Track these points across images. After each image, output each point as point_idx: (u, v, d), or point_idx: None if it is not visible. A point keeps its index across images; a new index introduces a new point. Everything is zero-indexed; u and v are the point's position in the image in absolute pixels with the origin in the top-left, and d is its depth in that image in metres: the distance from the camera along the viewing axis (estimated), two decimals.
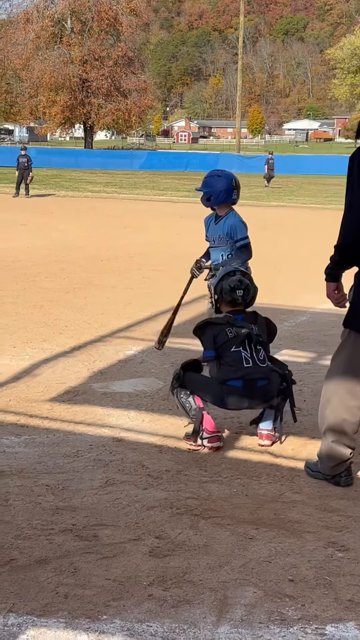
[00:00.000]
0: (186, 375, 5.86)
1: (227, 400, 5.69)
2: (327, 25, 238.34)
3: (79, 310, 10.43)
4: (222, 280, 6.06)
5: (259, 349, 5.80)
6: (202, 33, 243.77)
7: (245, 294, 6.01)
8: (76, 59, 75.81)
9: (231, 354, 5.72)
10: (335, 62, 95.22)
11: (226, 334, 5.77)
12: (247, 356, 5.72)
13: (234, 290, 5.98)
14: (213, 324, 5.91)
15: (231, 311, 6.01)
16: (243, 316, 5.96)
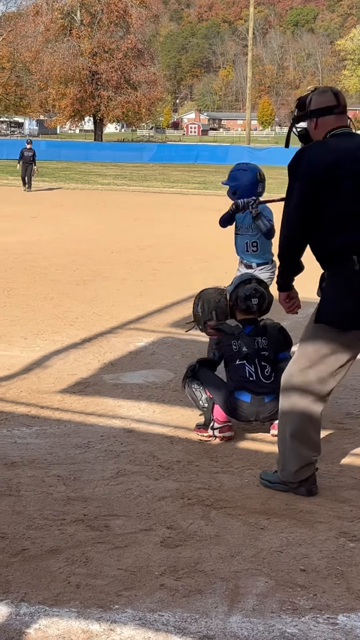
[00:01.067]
0: (201, 370, 5.87)
1: (234, 411, 5.69)
2: (337, 17, 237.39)
3: (90, 302, 10.44)
4: (238, 287, 6.05)
5: (265, 365, 5.74)
6: (211, 25, 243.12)
7: (260, 302, 6.00)
8: (86, 52, 75.75)
9: (236, 367, 5.74)
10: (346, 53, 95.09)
11: (231, 347, 5.79)
12: (252, 371, 5.70)
13: (249, 298, 5.96)
14: (222, 332, 5.93)
15: (243, 320, 5.99)
16: (252, 327, 5.91)
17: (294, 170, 4.60)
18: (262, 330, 5.92)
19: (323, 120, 4.70)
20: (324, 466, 5.26)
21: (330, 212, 4.48)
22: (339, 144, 4.61)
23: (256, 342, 5.82)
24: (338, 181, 4.47)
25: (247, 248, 7.35)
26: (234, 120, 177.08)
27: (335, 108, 4.70)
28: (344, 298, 4.46)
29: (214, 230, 7.40)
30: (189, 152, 64.45)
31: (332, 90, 4.80)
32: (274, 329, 5.96)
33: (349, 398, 6.77)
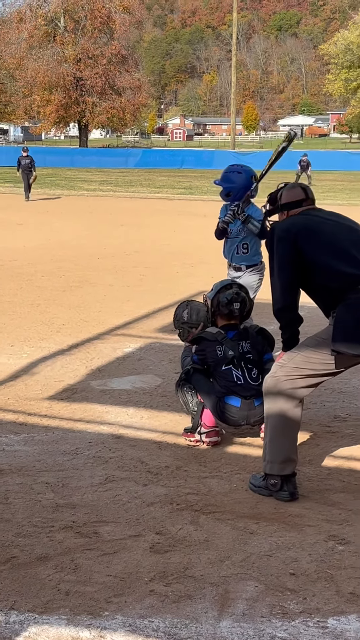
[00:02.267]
0: (194, 375, 5.88)
1: (224, 416, 5.70)
2: (320, 21, 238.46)
3: (76, 309, 10.43)
4: (219, 293, 6.07)
5: (251, 367, 5.79)
6: (195, 30, 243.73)
7: (242, 307, 6.03)
8: (70, 58, 75.77)
9: (223, 372, 5.76)
10: (329, 58, 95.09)
11: (215, 353, 5.81)
12: (239, 375, 5.74)
13: (230, 303, 5.99)
14: (204, 339, 5.93)
15: (225, 325, 6.02)
16: (235, 332, 5.96)
17: (271, 244, 4.91)
18: (244, 333, 5.96)
19: (293, 212, 5.08)
20: (312, 469, 5.28)
21: (321, 259, 4.72)
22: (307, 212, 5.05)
23: (240, 345, 5.86)
24: (316, 230, 4.82)
25: (238, 250, 7.37)
26: (218, 125, 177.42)
27: (304, 201, 5.11)
28: (357, 327, 4.58)
29: (200, 235, 7.44)
30: (174, 157, 64.48)
31: (301, 186, 5.24)
32: (255, 330, 6.03)
33: (337, 401, 6.79)
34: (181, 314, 6.42)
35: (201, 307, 6.37)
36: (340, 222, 4.99)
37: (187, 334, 6.35)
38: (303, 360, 4.74)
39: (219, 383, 5.74)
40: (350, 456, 5.54)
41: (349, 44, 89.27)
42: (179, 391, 5.94)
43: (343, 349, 4.58)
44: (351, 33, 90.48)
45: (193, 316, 6.33)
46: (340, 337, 4.56)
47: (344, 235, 4.83)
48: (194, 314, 6.34)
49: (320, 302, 4.89)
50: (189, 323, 6.34)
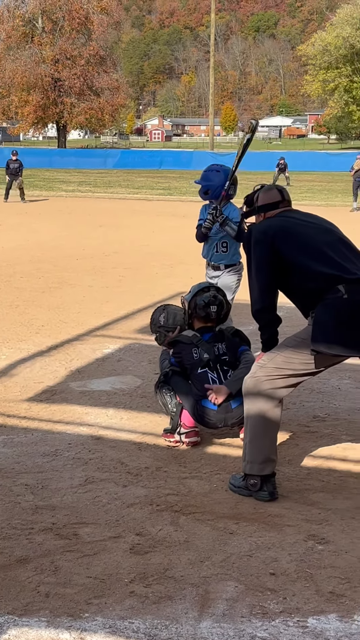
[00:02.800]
0: (173, 377, 5.88)
1: (202, 419, 5.72)
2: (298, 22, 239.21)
3: (55, 310, 10.40)
4: (196, 295, 6.09)
5: (227, 369, 5.83)
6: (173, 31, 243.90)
7: (219, 310, 6.06)
8: (48, 58, 75.53)
9: (199, 375, 5.79)
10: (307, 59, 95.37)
11: (192, 356, 5.84)
12: (215, 377, 5.79)
13: (208, 305, 6.02)
14: (180, 343, 5.96)
15: (201, 328, 6.05)
16: (210, 334, 5.98)
17: (248, 246, 4.93)
18: (220, 336, 5.99)
19: (270, 214, 5.10)
20: (292, 469, 5.29)
21: (299, 260, 4.74)
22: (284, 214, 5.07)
23: (216, 348, 5.89)
24: (293, 231, 4.85)
25: (217, 249, 7.38)
26: (197, 126, 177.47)
27: (281, 203, 5.14)
28: (338, 327, 4.59)
29: (179, 236, 7.44)
30: (153, 158, 64.46)
31: (277, 188, 5.26)
32: (230, 332, 6.05)
33: (316, 401, 6.81)
34: (158, 318, 6.42)
35: (178, 311, 6.38)
36: (316, 223, 5.01)
37: (164, 337, 6.35)
38: (283, 361, 4.75)
39: (195, 386, 5.76)
40: (329, 456, 5.56)
41: (327, 45, 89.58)
42: (157, 393, 5.95)
43: (322, 348, 4.59)
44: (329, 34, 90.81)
45: (170, 320, 6.33)
46: (320, 337, 4.58)
47: (321, 236, 4.85)
48: (171, 318, 6.34)
49: (298, 303, 4.90)
50: (165, 327, 6.34)
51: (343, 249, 4.81)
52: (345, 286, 4.58)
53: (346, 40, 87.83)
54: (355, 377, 7.37)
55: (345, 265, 4.68)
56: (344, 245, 4.86)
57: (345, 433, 6.03)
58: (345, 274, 4.63)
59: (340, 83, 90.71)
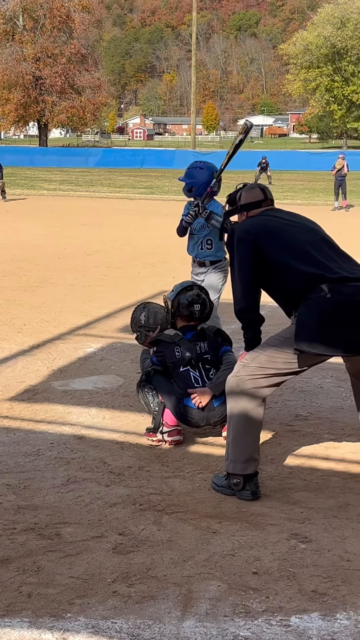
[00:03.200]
0: (155, 376, 5.88)
1: (184, 418, 5.72)
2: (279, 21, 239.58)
3: (37, 309, 10.37)
4: (180, 294, 6.08)
5: (209, 368, 5.84)
6: (155, 30, 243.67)
7: (202, 309, 6.06)
8: (29, 57, 75.40)
9: (181, 374, 5.80)
10: (288, 58, 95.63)
11: (174, 354, 5.84)
12: (197, 376, 5.79)
13: (191, 304, 6.02)
14: (162, 342, 5.95)
15: (184, 327, 6.05)
16: (192, 333, 5.99)
17: (231, 246, 4.93)
18: (202, 334, 5.99)
19: (253, 213, 5.10)
20: (274, 468, 5.30)
21: (282, 259, 4.74)
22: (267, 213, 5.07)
23: (198, 346, 5.89)
24: (275, 231, 4.85)
25: (202, 246, 7.38)
26: (179, 125, 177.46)
27: (263, 202, 5.14)
28: (321, 326, 4.60)
29: (161, 234, 7.43)
30: (135, 156, 64.43)
31: (260, 187, 5.26)
32: (212, 331, 6.05)
33: (298, 400, 6.82)
34: (138, 317, 6.40)
35: (158, 310, 6.37)
36: (299, 222, 5.01)
37: (145, 337, 6.34)
38: (266, 360, 4.75)
39: (178, 385, 5.76)
40: (311, 455, 5.57)
41: (308, 45, 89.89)
42: (140, 392, 5.94)
43: (305, 348, 4.60)
44: (310, 33, 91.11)
45: (150, 319, 6.32)
46: (303, 336, 4.59)
47: (303, 235, 4.86)
48: (151, 317, 6.32)
49: (281, 302, 4.91)
50: (146, 326, 6.33)
51: (326, 248, 4.82)
52: (328, 285, 4.58)
53: (327, 40, 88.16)
54: (337, 375, 7.39)
55: (328, 265, 4.69)
56: (326, 244, 4.87)
57: (328, 432, 6.04)
58: (328, 273, 4.64)
59: (322, 82, 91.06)
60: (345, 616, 3.56)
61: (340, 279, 4.62)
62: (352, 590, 3.77)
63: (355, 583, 3.83)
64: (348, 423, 6.19)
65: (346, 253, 4.94)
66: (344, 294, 4.58)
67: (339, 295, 4.57)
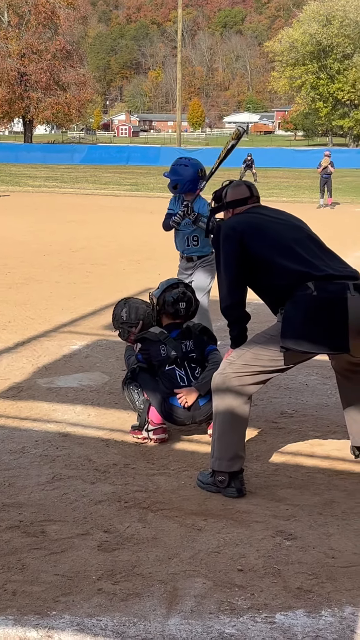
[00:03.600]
0: (141, 373, 5.87)
1: (170, 418, 5.73)
2: (265, 18, 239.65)
3: (22, 306, 10.34)
4: (165, 292, 6.08)
5: (194, 367, 5.85)
6: (140, 26, 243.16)
7: (187, 306, 6.06)
8: (14, 53, 75.17)
9: (167, 372, 5.80)
10: (274, 55, 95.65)
11: (159, 353, 5.84)
12: (182, 375, 5.80)
13: (177, 302, 6.01)
14: (148, 340, 5.94)
15: (169, 325, 6.04)
16: (178, 331, 5.98)
17: (217, 243, 4.94)
18: (187, 332, 5.99)
19: (239, 210, 5.10)
20: (260, 465, 5.30)
21: (268, 257, 4.74)
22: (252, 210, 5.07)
23: (183, 345, 5.90)
24: (261, 228, 4.85)
25: (188, 243, 7.39)
26: (164, 122, 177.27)
27: (249, 199, 5.13)
28: (307, 324, 4.60)
29: (147, 231, 7.43)
30: (120, 153, 64.37)
31: (246, 184, 5.24)
32: (197, 329, 6.05)
33: (283, 397, 6.83)
34: (120, 314, 6.38)
35: (139, 305, 6.36)
36: (285, 220, 5.01)
37: (128, 333, 6.33)
38: (252, 357, 4.76)
39: (163, 383, 5.77)
40: (296, 452, 5.58)
41: (294, 42, 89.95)
42: (125, 389, 5.94)
43: (291, 345, 4.60)
44: (295, 31, 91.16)
45: (132, 315, 6.30)
46: (289, 334, 4.59)
47: (289, 233, 4.86)
48: (133, 313, 6.31)
49: (267, 300, 4.91)
50: (128, 322, 6.31)
51: (311, 246, 4.83)
52: (315, 283, 4.59)
53: (313, 37, 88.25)
54: (322, 373, 7.41)
55: (314, 262, 4.69)
56: (312, 242, 4.88)
57: (313, 429, 6.06)
58: (314, 270, 4.64)
59: (307, 80, 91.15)
60: (330, 613, 3.57)
61: (326, 277, 4.63)
62: (337, 587, 3.78)
63: (340, 580, 3.85)
64: (333, 420, 6.21)
65: (332, 251, 4.95)
66: (330, 291, 4.59)
67: (325, 293, 4.58)
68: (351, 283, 4.64)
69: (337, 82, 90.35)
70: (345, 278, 4.67)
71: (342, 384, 5.22)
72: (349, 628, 3.46)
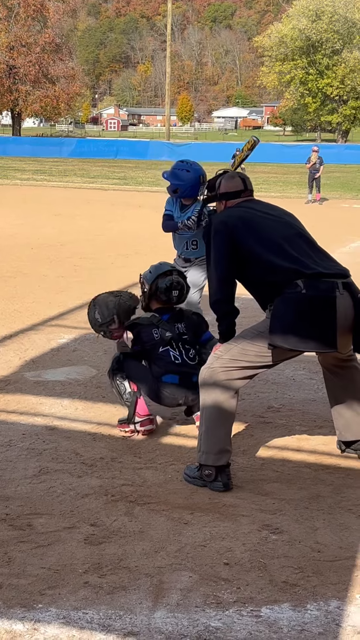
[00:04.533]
0: (126, 361, 5.86)
1: (162, 396, 5.71)
2: (254, 13, 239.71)
3: (10, 299, 10.32)
4: (158, 278, 6.02)
5: (188, 348, 5.85)
6: (130, 20, 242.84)
7: (180, 295, 6.02)
8: (2, 45, 74.87)
9: (160, 354, 5.77)
10: (263, 50, 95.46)
11: (152, 336, 5.81)
12: (177, 355, 5.78)
13: (169, 290, 5.96)
14: (139, 325, 5.91)
15: (159, 308, 6.01)
16: (170, 314, 5.97)
17: (208, 237, 4.95)
18: (179, 315, 6.00)
19: (231, 203, 5.09)
20: (246, 460, 5.31)
21: (258, 253, 4.74)
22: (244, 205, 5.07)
23: (176, 327, 5.89)
24: (252, 224, 4.84)
25: (187, 246, 7.38)
26: (153, 116, 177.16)
27: (243, 192, 5.13)
28: (296, 322, 4.61)
29: (135, 225, 7.40)
30: (109, 147, 64.18)
31: (240, 176, 5.21)
32: (190, 312, 6.08)
33: (270, 392, 6.84)
34: (94, 317, 6.11)
35: (107, 299, 6.10)
36: (276, 216, 5.01)
37: (110, 332, 6.16)
38: (239, 352, 4.76)
39: (157, 365, 5.76)
40: (283, 446, 5.60)
41: (283, 37, 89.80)
42: (112, 382, 5.92)
43: (279, 342, 4.61)
44: (285, 26, 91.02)
45: (105, 313, 6.07)
46: (277, 331, 4.60)
47: (280, 229, 4.86)
48: (105, 310, 6.04)
49: (256, 295, 4.92)
50: (105, 323, 6.09)
51: (301, 243, 4.83)
52: (304, 281, 4.60)
53: (302, 32, 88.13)
54: (309, 368, 7.42)
55: (304, 260, 4.70)
56: (302, 239, 4.88)
57: (300, 424, 6.07)
58: (304, 268, 4.65)
59: (296, 75, 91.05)
60: (316, 607, 3.58)
61: (315, 275, 4.64)
62: (323, 581, 3.80)
63: (325, 574, 3.86)
64: (320, 415, 6.22)
65: (322, 248, 4.95)
66: (319, 290, 4.60)
67: (314, 291, 4.58)
68: (340, 281, 4.65)
69: (326, 77, 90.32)
70: (334, 276, 4.68)
71: (329, 379, 5.24)
72: (335, 622, 3.48)
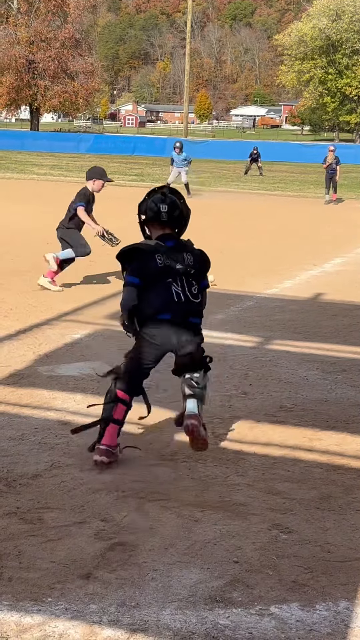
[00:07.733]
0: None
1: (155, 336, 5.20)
2: (274, 12, 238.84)
3: (25, 294, 10.35)
4: (148, 197, 5.54)
5: (192, 282, 5.26)
6: (149, 16, 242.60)
7: (170, 210, 5.37)
8: (22, 40, 74.90)
9: (161, 286, 5.21)
10: (283, 49, 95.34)
11: (155, 262, 5.23)
12: (179, 291, 5.21)
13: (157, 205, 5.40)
14: (141, 250, 5.34)
15: (161, 236, 5.40)
16: (174, 242, 5.38)
17: None
18: (185, 245, 5.42)
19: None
20: (258, 459, 5.31)
21: None
22: None
23: (182, 256, 5.32)
24: None
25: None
26: (171, 113, 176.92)
27: None
28: None
29: None
30: (126, 143, 64.23)
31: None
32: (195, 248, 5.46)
33: (283, 391, 6.83)
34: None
35: None
36: None
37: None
38: None
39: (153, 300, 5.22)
40: (295, 446, 5.59)
41: (303, 36, 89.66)
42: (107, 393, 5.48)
43: None
44: (305, 25, 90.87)
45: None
46: None
47: None
48: None
49: None
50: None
51: None
52: None
53: (322, 32, 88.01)
54: (322, 368, 7.41)
55: None
56: None
57: (312, 424, 6.06)
58: None
59: (315, 74, 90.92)
60: (325, 607, 3.58)
61: None
62: (332, 581, 3.80)
63: (335, 574, 3.86)
64: (332, 415, 6.21)
65: None
66: None
67: None
68: None
69: (346, 77, 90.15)
70: None
71: None
72: (343, 622, 3.47)
